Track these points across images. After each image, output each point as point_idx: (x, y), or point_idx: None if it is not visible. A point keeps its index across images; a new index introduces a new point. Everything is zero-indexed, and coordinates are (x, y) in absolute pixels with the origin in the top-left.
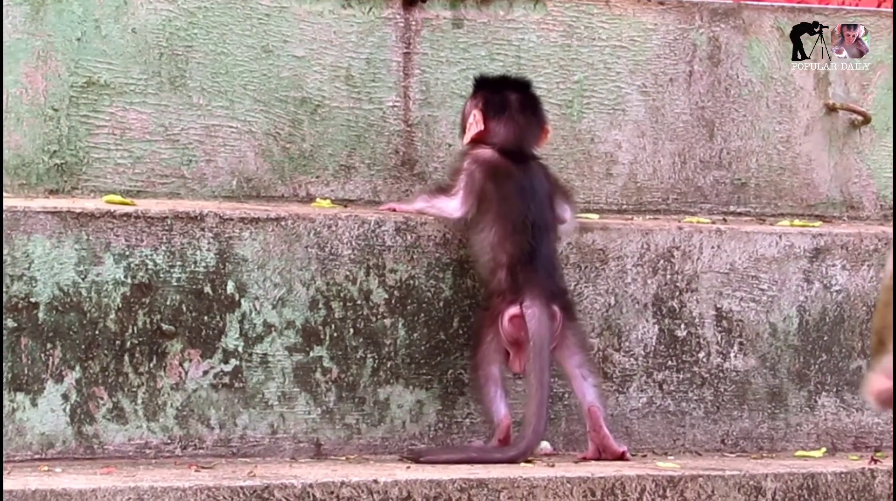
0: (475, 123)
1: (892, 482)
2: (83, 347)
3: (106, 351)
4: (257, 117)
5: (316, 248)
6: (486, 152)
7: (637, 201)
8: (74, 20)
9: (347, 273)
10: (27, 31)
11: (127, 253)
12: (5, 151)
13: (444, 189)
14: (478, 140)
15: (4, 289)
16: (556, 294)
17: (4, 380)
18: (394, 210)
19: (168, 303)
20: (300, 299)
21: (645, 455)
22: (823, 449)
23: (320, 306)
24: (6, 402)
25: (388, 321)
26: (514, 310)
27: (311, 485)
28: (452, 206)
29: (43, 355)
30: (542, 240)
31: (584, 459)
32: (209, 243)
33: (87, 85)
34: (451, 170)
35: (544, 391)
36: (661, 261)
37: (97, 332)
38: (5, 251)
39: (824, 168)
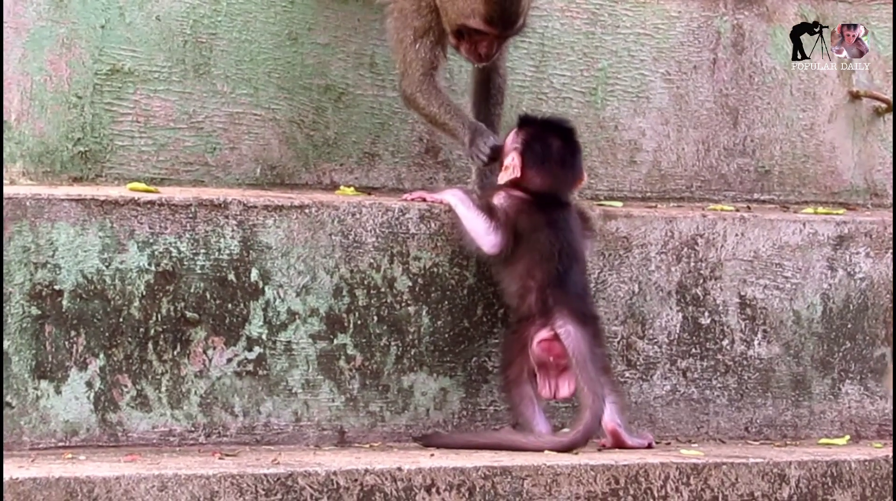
0: (512, 168)
1: None
2: (107, 334)
3: (130, 339)
4: (281, 105)
5: (340, 235)
6: (518, 194)
7: (661, 189)
8: (98, 8)
9: (371, 261)
10: (51, 19)
11: (151, 241)
12: (30, 139)
13: (489, 213)
14: (513, 184)
15: (29, 277)
16: (588, 319)
17: (29, 368)
18: (423, 200)
19: (192, 291)
20: (324, 287)
21: (669, 443)
22: (847, 437)
23: (344, 293)
24: (30, 389)
25: (411, 309)
26: (543, 334)
27: (334, 473)
28: (491, 242)
29: (67, 342)
30: (572, 268)
31: (605, 446)
32: (233, 230)
33: (111, 72)
34: (489, 200)
35: (599, 401)
36: (685, 249)
37: (121, 319)
38: (29, 239)
39: (848, 156)
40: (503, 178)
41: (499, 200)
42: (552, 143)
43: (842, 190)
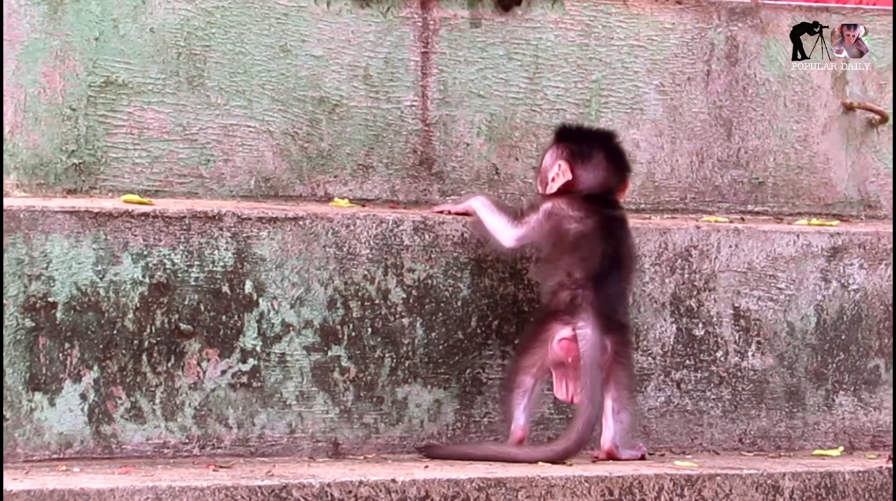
0: (562, 174)
1: None
2: (101, 346)
3: (124, 351)
4: (275, 117)
5: (334, 247)
6: (569, 196)
7: (655, 200)
8: (92, 20)
9: (365, 273)
10: (45, 31)
11: (145, 253)
12: (23, 151)
13: (514, 213)
14: (564, 191)
15: (23, 289)
16: (612, 327)
17: (23, 380)
18: (449, 212)
19: (186, 303)
20: (318, 299)
21: (663, 455)
22: (841, 448)
23: (338, 305)
24: (24, 401)
25: (406, 321)
26: (565, 332)
27: (329, 485)
28: (510, 234)
29: (61, 354)
30: (613, 275)
31: (598, 458)
32: (227, 242)
33: (105, 84)
34: (529, 204)
35: (594, 408)
36: (679, 260)
37: (115, 332)
38: (23, 251)
39: (842, 167)
40: (553, 187)
41: (548, 204)
42: (596, 145)
43: (836, 201)
